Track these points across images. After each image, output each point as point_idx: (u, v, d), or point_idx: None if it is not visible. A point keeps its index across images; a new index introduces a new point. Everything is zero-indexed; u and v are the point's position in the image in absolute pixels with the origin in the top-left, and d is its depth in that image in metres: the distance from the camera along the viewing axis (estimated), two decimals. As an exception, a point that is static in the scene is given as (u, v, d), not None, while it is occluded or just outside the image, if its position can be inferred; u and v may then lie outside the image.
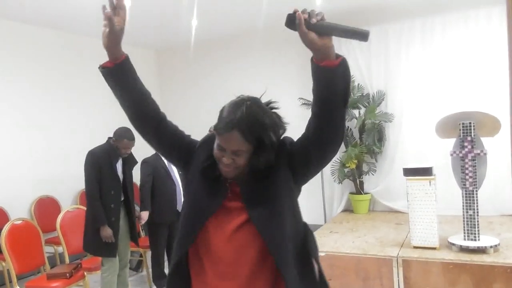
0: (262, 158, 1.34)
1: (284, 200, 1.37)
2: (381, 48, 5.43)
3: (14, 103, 5.00)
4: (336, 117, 1.27)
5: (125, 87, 1.43)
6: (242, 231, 1.35)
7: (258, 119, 1.32)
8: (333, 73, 1.20)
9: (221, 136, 1.33)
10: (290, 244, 1.35)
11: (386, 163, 5.49)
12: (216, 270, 1.37)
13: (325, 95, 1.24)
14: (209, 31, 6.05)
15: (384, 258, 3.65)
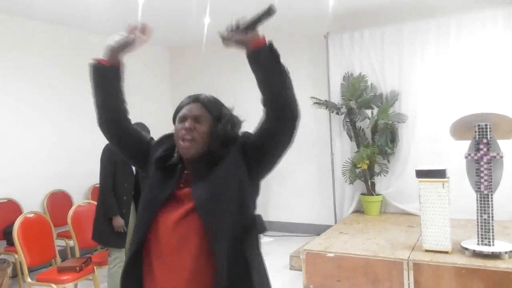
0: (222, 129, 1.41)
1: (231, 190, 1.36)
2: (395, 48, 5.36)
3: (27, 99, 5.05)
4: (281, 95, 1.31)
5: (110, 89, 1.52)
6: (187, 219, 1.35)
7: (217, 100, 1.50)
8: (260, 51, 1.32)
9: (184, 108, 1.46)
10: (228, 234, 1.33)
11: (398, 164, 5.43)
12: (162, 262, 1.36)
13: (263, 77, 1.32)
14: (221, 30, 6.03)
15: (395, 261, 3.61)
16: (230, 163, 1.39)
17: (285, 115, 1.33)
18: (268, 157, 1.41)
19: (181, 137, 1.42)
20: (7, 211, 4.65)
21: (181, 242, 1.35)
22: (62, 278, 3.45)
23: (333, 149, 5.80)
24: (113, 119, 1.54)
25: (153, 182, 1.45)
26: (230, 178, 1.37)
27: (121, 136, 1.56)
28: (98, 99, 1.54)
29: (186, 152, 1.41)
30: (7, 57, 4.85)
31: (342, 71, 5.64)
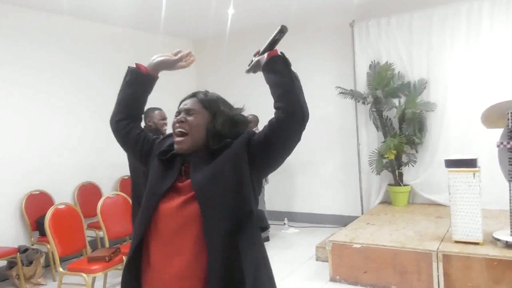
0: (218, 125, 1.47)
1: (228, 176, 1.39)
2: (424, 34, 5.21)
3: (55, 93, 5.17)
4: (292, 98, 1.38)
5: (138, 94, 1.65)
6: (186, 206, 1.39)
7: (217, 96, 1.57)
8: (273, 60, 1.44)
9: (181, 103, 1.55)
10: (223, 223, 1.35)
11: (427, 154, 5.31)
12: (159, 249, 1.40)
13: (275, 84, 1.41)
14: (245, 20, 6.02)
15: (423, 252, 3.54)
16: (230, 153, 1.42)
17: (295, 116, 1.37)
18: (274, 155, 1.43)
19: (174, 130, 1.50)
20: (39, 202, 4.80)
21: (179, 229, 1.38)
22: (92, 267, 3.53)
23: (359, 139, 5.72)
24: (127, 118, 1.64)
25: (154, 175, 1.50)
26: (229, 166, 1.40)
27: (128, 133, 1.64)
28: (123, 98, 1.65)
29: (178, 146, 1.47)
30: (33, 52, 4.96)
31: (368, 59, 5.53)
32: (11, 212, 4.68)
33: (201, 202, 1.37)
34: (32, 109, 4.93)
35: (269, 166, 1.47)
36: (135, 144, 1.62)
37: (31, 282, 4.33)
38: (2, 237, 4.48)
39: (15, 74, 4.76)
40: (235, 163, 1.40)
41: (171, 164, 1.49)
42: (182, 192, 1.42)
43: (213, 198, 1.37)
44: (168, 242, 1.39)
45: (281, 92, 1.39)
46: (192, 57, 1.67)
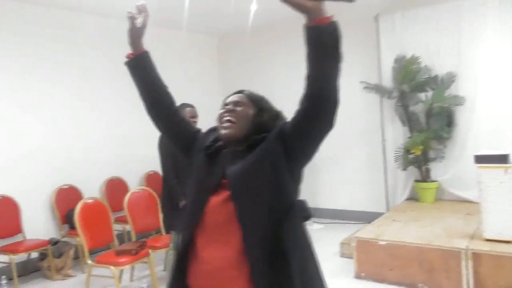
0: (265, 117, 1.49)
1: (263, 169, 1.38)
2: (453, 25, 5.07)
3: (86, 90, 5.29)
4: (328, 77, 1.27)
5: (142, 78, 1.62)
6: (230, 203, 1.39)
7: (263, 96, 1.57)
8: (321, 30, 1.22)
9: (228, 98, 1.55)
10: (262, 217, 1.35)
11: (455, 150, 5.18)
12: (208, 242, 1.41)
13: (315, 54, 1.25)
14: (267, 16, 5.99)
15: (452, 250, 3.47)
16: (266, 146, 1.40)
17: (327, 96, 1.28)
18: (306, 141, 1.37)
19: (221, 119, 1.49)
20: (68, 196, 4.92)
21: (225, 223, 1.39)
22: (120, 260, 3.60)
23: (385, 135, 5.63)
24: (159, 108, 1.63)
25: (201, 171, 1.51)
26: (265, 159, 1.38)
27: (168, 124, 1.65)
28: (141, 91, 1.64)
29: (225, 133, 1.46)
30: (61, 51, 5.07)
31: (394, 53, 5.43)
32: (42, 206, 4.82)
33: (234, 195, 1.38)
34: (62, 106, 5.05)
35: (304, 155, 1.41)
36: (177, 135, 1.65)
37: (62, 273, 4.46)
38: (34, 230, 4.62)
39: (45, 72, 4.89)
40: (271, 155, 1.38)
41: (216, 159, 1.49)
42: (226, 188, 1.42)
43: (248, 190, 1.37)
44: (214, 235, 1.40)
45: (316, 71, 1.27)
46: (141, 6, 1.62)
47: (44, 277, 4.46)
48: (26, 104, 4.72)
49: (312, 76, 1.27)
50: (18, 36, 4.67)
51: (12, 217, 4.46)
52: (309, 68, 1.28)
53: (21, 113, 4.67)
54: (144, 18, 1.60)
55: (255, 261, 1.33)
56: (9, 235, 4.40)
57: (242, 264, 1.35)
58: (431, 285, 3.53)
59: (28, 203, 4.63)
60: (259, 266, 1.32)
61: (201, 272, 1.42)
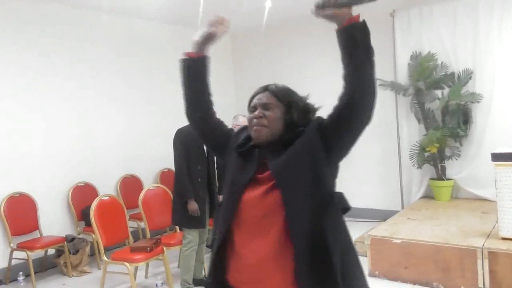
0: (295, 115, 1.48)
1: (305, 162, 1.40)
2: (469, 22, 5.00)
3: (103, 89, 5.35)
4: (365, 71, 1.34)
5: (193, 80, 1.64)
6: (269, 195, 1.41)
7: (287, 88, 1.56)
8: (353, 29, 1.33)
9: (254, 98, 1.54)
10: (306, 208, 1.37)
11: (472, 147, 5.11)
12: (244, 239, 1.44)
13: (350, 53, 1.34)
14: (282, 13, 5.97)
15: (468, 249, 3.42)
16: (304, 140, 1.43)
17: (365, 90, 1.34)
18: (345, 134, 1.41)
19: (252, 126, 1.50)
20: (84, 193, 5.00)
21: (263, 217, 1.41)
22: (135, 257, 3.64)
23: (400, 132, 5.58)
24: (199, 109, 1.66)
25: (234, 168, 1.54)
26: (305, 152, 1.41)
27: (204, 127, 1.68)
28: (187, 91, 1.66)
29: (256, 138, 1.49)
30: (79, 49, 5.14)
31: (410, 50, 5.37)
32: (59, 203, 4.90)
33: (282, 188, 1.39)
34: (80, 106, 5.13)
35: (343, 149, 1.45)
36: (212, 137, 1.68)
37: (78, 269, 4.52)
38: (51, 226, 4.70)
39: (62, 70, 4.96)
40: (310, 149, 1.41)
41: (249, 156, 1.52)
42: (262, 182, 1.45)
43: (293, 184, 1.39)
44: (252, 229, 1.43)
45: (353, 67, 1.34)
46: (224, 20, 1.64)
47: (61, 274, 4.54)
48: (44, 104, 4.79)
49: (350, 73, 1.35)
50: (36, 35, 4.74)
51: (29, 214, 4.54)
52: (346, 66, 1.36)
53: (38, 112, 4.74)
54: (221, 31, 1.63)
55: (299, 251, 1.34)
56: (26, 232, 4.49)
57: (282, 256, 1.37)
58: (446, 284, 3.50)
59: (44, 201, 4.71)
60: (303, 257, 1.34)
61: (241, 267, 1.45)
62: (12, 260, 4.31)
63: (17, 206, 4.45)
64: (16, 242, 4.32)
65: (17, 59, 4.58)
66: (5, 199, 4.38)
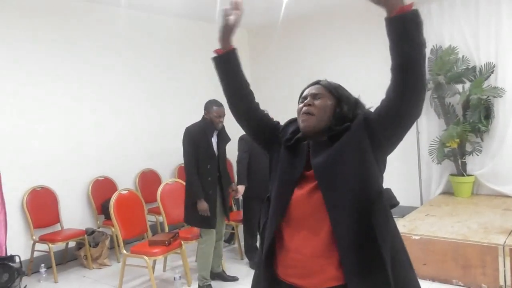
0: (345, 108, 1.47)
1: (350, 160, 1.39)
2: (492, 15, 4.89)
3: (121, 85, 5.41)
4: (416, 63, 1.26)
5: (228, 75, 1.64)
6: (315, 193, 1.42)
7: (340, 85, 1.56)
8: (405, 18, 1.24)
9: (306, 90, 1.56)
10: (350, 206, 1.36)
11: (494, 143, 5.01)
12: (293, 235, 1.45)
13: (400, 44, 1.26)
14: (299, 8, 5.93)
15: (489, 246, 3.36)
16: (350, 136, 1.41)
17: (415, 83, 1.27)
18: (395, 130, 1.37)
19: (301, 113, 1.51)
20: (104, 187, 5.07)
21: (312, 214, 1.42)
22: (153, 251, 3.69)
23: (419, 127, 5.50)
24: (241, 104, 1.65)
25: (283, 164, 1.53)
26: (350, 149, 1.39)
27: (250, 120, 1.66)
28: (225, 87, 1.66)
29: (304, 125, 1.49)
30: (98, 45, 5.20)
31: (430, 43, 5.26)
32: (79, 197, 4.99)
33: (323, 190, 1.39)
34: (100, 101, 5.19)
35: (391, 144, 1.43)
36: (257, 130, 1.67)
37: (97, 262, 4.60)
38: (71, 219, 4.79)
39: (83, 66, 5.03)
40: (357, 145, 1.39)
41: (297, 151, 1.52)
42: (309, 179, 1.45)
43: (336, 181, 1.39)
44: (302, 226, 1.44)
45: (403, 58, 1.27)
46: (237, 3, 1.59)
47: (81, 266, 4.62)
48: (65, 99, 4.87)
49: (399, 66, 1.28)
50: (56, 28, 4.80)
51: (50, 207, 4.64)
52: (396, 57, 1.29)
53: (59, 107, 4.82)
54: (236, 16, 1.58)
55: (344, 249, 1.35)
56: (47, 225, 4.59)
57: (331, 252, 1.39)
58: (467, 281, 3.45)
59: (65, 194, 4.80)
60: (349, 254, 1.35)
61: (290, 261, 1.47)
62: (34, 252, 4.41)
63: (39, 199, 4.55)
64: (38, 235, 4.42)
65: (37, 54, 4.66)
66: (28, 193, 4.48)
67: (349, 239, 1.35)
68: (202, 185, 3.63)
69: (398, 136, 1.39)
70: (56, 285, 4.20)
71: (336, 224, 1.36)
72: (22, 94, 4.53)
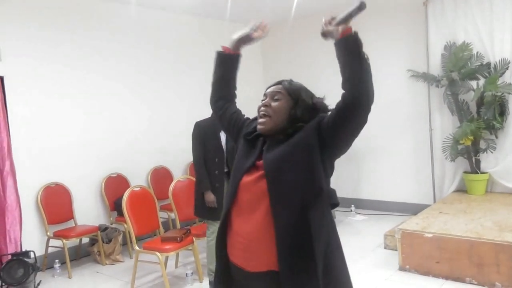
0: (299, 111, 1.57)
1: (298, 155, 1.50)
2: (507, 10, 4.80)
3: (134, 82, 5.45)
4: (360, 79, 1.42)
5: (224, 73, 1.80)
6: (260, 181, 1.53)
7: (300, 85, 1.66)
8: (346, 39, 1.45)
9: (268, 89, 1.67)
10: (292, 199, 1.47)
11: (508, 140, 4.93)
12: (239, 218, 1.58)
13: (346, 58, 1.44)
14: (310, 5, 5.90)
15: (503, 244, 3.32)
16: (302, 136, 1.53)
17: (361, 97, 1.42)
18: (341, 137, 1.50)
19: (258, 114, 1.63)
20: (117, 184, 5.12)
21: (253, 201, 1.54)
22: (165, 247, 3.71)
23: (432, 124, 5.44)
24: (222, 98, 1.82)
25: (240, 153, 1.68)
26: (300, 147, 1.51)
27: (224, 113, 1.81)
28: (215, 80, 1.82)
29: (260, 127, 1.61)
30: (107, 42, 5.24)
31: (443, 40, 5.21)
32: (92, 193, 5.04)
33: (268, 179, 1.51)
34: (112, 98, 5.24)
35: (337, 148, 1.53)
36: (228, 123, 1.80)
37: (110, 258, 4.65)
38: (85, 216, 4.85)
39: (96, 64, 5.07)
40: (306, 145, 1.51)
41: (255, 144, 1.65)
42: (259, 168, 1.57)
43: (282, 176, 1.50)
44: (244, 211, 1.57)
45: (349, 74, 1.43)
46: (266, 26, 1.76)
47: (94, 262, 4.68)
48: (78, 96, 4.92)
49: (346, 80, 1.44)
50: (67, 28, 4.85)
51: (64, 204, 4.70)
52: (342, 75, 1.46)
53: (72, 105, 4.87)
54: (260, 35, 1.76)
55: (281, 237, 1.46)
56: (61, 221, 4.65)
57: (267, 238, 1.49)
58: (481, 279, 3.41)
59: (79, 191, 4.86)
60: (284, 241, 1.46)
61: (234, 243, 1.59)
62: (48, 248, 4.48)
63: (53, 196, 4.61)
64: (52, 231, 4.48)
65: (52, 53, 4.71)
66: (42, 189, 4.54)
67: (286, 228, 1.46)
68: (210, 178, 3.71)
69: (344, 142, 1.51)
70: (70, 280, 4.26)
71: (276, 215, 1.47)
72: (36, 92, 4.59)
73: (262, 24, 1.75)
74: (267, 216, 1.49)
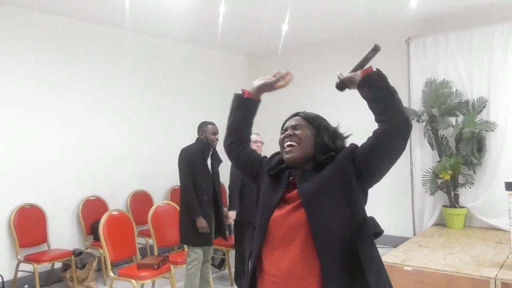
0: (325, 138, 1.55)
1: (337, 187, 1.45)
2: (485, 51, 5.00)
3: (117, 105, 5.42)
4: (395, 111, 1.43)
5: (242, 117, 1.77)
6: (295, 213, 1.46)
7: (316, 114, 1.65)
8: (369, 77, 1.48)
9: (286, 122, 1.64)
10: (335, 232, 1.40)
11: (486, 176, 5.03)
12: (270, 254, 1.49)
13: (373, 97, 1.46)
14: (298, 37, 6.05)
15: (480, 279, 3.33)
16: (336, 165, 1.48)
17: (401, 127, 1.42)
18: (380, 165, 1.47)
19: (282, 145, 1.59)
20: (95, 207, 5.01)
21: (286, 235, 1.46)
22: (141, 274, 3.61)
23: (413, 158, 5.53)
24: (237, 141, 1.77)
25: (265, 190, 1.61)
26: (336, 177, 1.46)
27: (239, 155, 1.77)
28: (232, 122, 1.78)
29: (288, 156, 1.55)
30: (88, 63, 5.23)
31: (424, 77, 5.37)
32: (69, 216, 4.92)
33: (307, 209, 1.43)
34: (92, 120, 5.19)
35: (375, 176, 1.50)
36: (245, 164, 1.76)
37: (84, 285, 4.49)
38: (59, 239, 4.71)
39: (76, 85, 5.04)
40: (341, 174, 1.46)
41: (279, 178, 1.59)
42: (290, 201, 1.51)
43: (321, 206, 1.43)
44: (277, 246, 1.48)
45: (382, 106, 1.44)
46: (289, 75, 1.75)
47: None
48: (56, 116, 4.86)
49: (381, 115, 1.44)
50: (56, 49, 4.84)
51: (38, 226, 4.56)
52: (375, 109, 1.46)
53: (50, 124, 4.81)
54: (282, 85, 1.75)
55: (328, 272, 1.38)
56: (34, 244, 4.50)
57: (303, 277, 1.41)
58: (459, 315, 3.40)
59: (55, 213, 4.74)
60: (333, 278, 1.37)
61: (269, 285, 1.48)
62: (18, 272, 4.31)
63: (27, 217, 4.48)
64: (24, 254, 4.32)
65: (34, 71, 4.68)
66: (16, 210, 4.41)
67: (333, 262, 1.38)
68: (199, 204, 3.70)
69: (385, 170, 1.49)
70: (39, 306, 4.08)
71: (320, 248, 1.39)
72: (11, 110, 4.51)
73: (286, 75, 1.75)
74: (305, 247, 1.42)
